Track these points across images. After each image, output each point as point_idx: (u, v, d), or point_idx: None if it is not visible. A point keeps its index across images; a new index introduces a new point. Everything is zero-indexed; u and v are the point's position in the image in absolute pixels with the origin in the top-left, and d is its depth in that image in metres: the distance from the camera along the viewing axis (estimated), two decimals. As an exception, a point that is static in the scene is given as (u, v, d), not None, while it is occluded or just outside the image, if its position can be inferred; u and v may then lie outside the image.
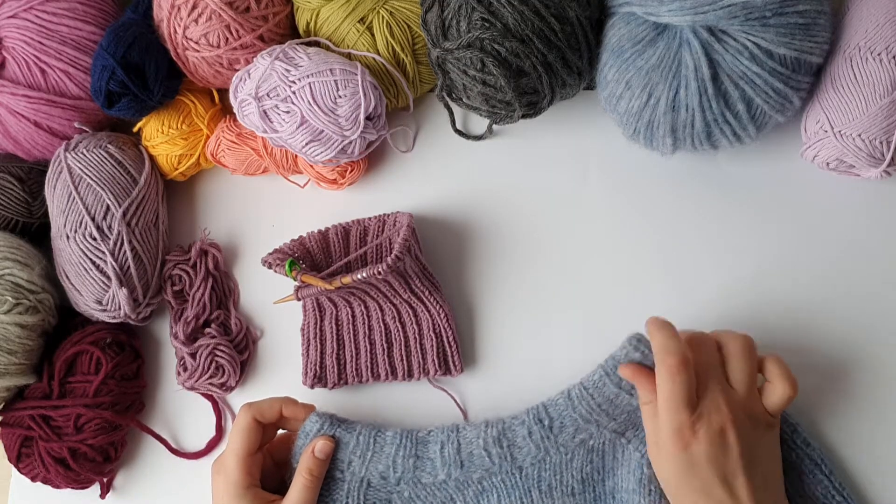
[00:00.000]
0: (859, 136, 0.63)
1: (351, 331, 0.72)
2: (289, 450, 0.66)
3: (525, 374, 0.70)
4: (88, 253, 0.71)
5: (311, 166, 0.75)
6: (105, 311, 0.72)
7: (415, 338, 0.71)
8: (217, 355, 0.73)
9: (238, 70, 0.73)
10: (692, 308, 0.69)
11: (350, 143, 0.71)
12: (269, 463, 0.66)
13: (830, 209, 0.69)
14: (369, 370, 0.71)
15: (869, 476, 0.64)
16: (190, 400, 0.76)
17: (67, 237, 0.72)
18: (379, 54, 0.71)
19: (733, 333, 0.60)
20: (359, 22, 0.71)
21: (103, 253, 0.71)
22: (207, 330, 0.74)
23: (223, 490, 0.63)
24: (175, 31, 0.71)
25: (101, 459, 0.72)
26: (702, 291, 0.69)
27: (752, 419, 0.58)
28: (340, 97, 0.69)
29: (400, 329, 0.71)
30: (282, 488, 0.65)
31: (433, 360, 0.70)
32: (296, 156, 0.75)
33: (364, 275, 0.65)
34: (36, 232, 0.77)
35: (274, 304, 0.73)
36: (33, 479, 0.72)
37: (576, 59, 0.66)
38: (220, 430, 0.74)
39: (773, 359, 0.59)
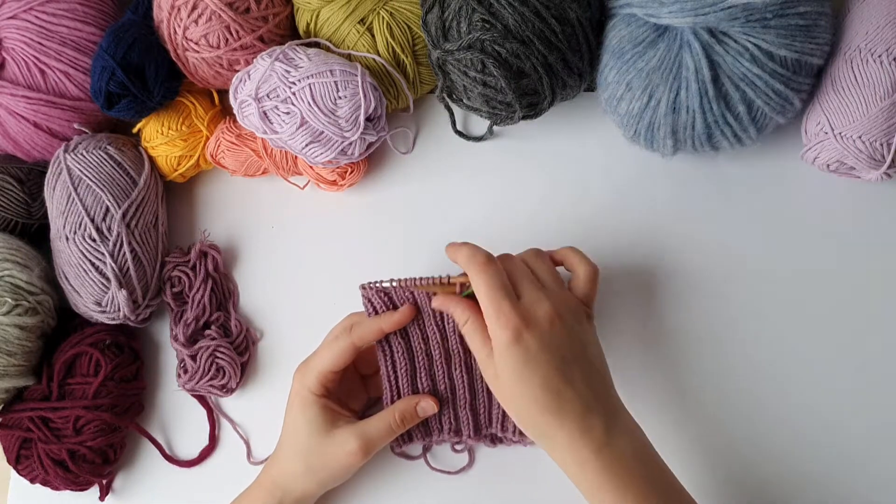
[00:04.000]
0: (860, 137, 0.63)
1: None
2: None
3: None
4: (88, 254, 0.71)
5: (311, 167, 0.74)
6: (104, 312, 0.72)
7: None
8: (217, 357, 0.73)
9: (238, 71, 0.73)
10: (692, 308, 0.69)
11: (350, 144, 0.71)
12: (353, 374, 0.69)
13: (831, 211, 0.69)
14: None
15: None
16: (189, 402, 0.75)
17: (67, 238, 0.71)
18: (379, 55, 0.71)
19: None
20: (359, 23, 0.71)
21: (103, 254, 0.71)
22: (207, 332, 0.74)
23: (296, 392, 0.65)
24: (175, 32, 0.71)
25: (100, 461, 0.72)
26: (701, 292, 0.69)
27: (571, 311, 0.60)
28: (340, 98, 0.69)
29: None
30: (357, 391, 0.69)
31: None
32: (295, 157, 0.75)
33: None
34: (35, 233, 0.77)
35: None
36: (32, 480, 0.72)
37: (576, 61, 0.66)
38: (213, 440, 0.74)
39: (565, 249, 0.64)
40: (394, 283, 0.65)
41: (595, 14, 0.67)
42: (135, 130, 0.77)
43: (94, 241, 0.71)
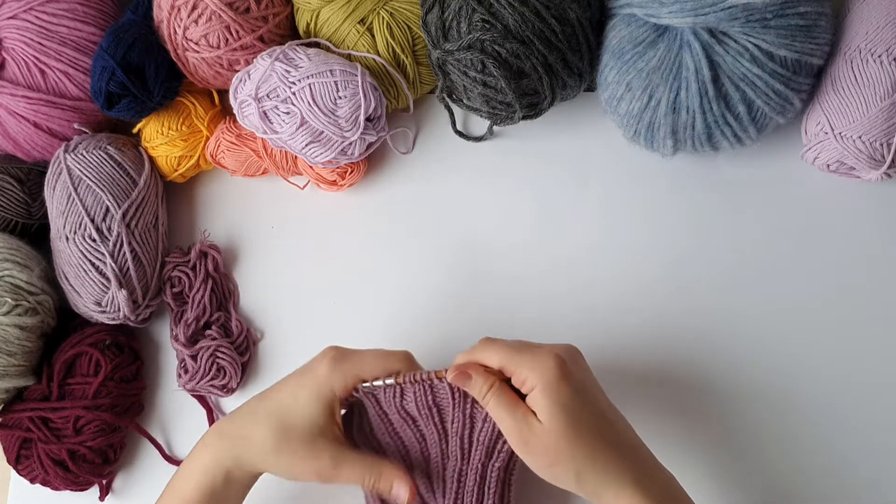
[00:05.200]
0: (860, 137, 0.63)
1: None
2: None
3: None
4: (88, 254, 0.71)
5: (311, 167, 0.74)
6: (104, 312, 0.72)
7: None
8: (218, 357, 0.73)
9: (238, 71, 0.73)
10: (691, 309, 0.69)
11: (350, 144, 0.71)
12: None
13: (831, 211, 0.69)
14: None
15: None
16: (189, 402, 0.75)
17: (67, 239, 0.71)
18: (379, 55, 0.71)
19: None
20: (359, 23, 0.71)
21: (103, 254, 0.71)
22: (208, 332, 0.74)
23: (318, 381, 0.59)
24: (175, 32, 0.71)
25: (100, 461, 0.72)
26: (701, 293, 0.69)
27: None
28: (340, 98, 0.69)
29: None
30: None
31: None
32: (295, 157, 0.75)
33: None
34: (35, 233, 0.77)
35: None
36: (32, 480, 0.72)
37: (576, 61, 0.66)
38: (213, 440, 0.74)
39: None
40: (387, 382, 0.60)
41: (595, 14, 0.67)
42: (135, 130, 0.77)
43: (94, 241, 0.71)
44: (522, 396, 0.56)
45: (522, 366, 0.54)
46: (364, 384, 0.60)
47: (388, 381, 0.60)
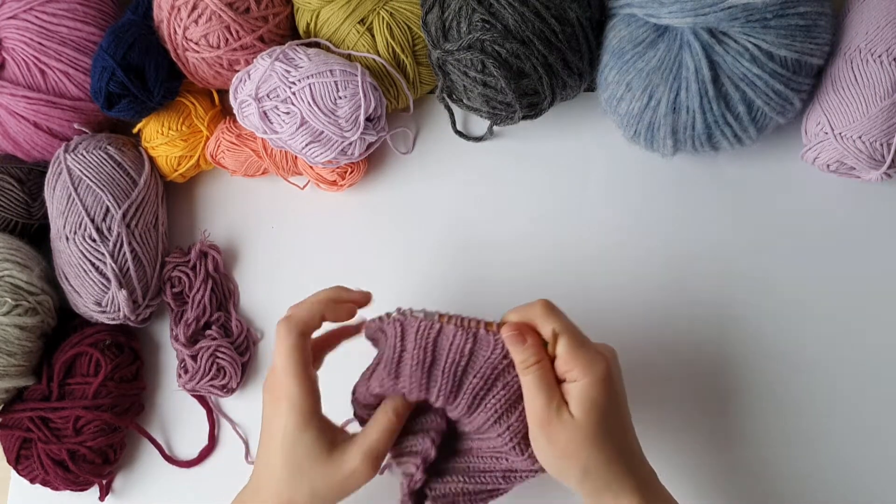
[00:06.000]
0: (860, 138, 0.63)
1: None
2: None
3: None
4: (88, 254, 0.71)
5: (311, 168, 0.74)
6: (104, 312, 0.72)
7: None
8: (218, 357, 0.73)
9: (238, 71, 0.73)
10: (692, 309, 0.69)
11: (350, 144, 0.71)
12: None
13: (831, 211, 0.69)
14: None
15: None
16: (189, 402, 0.75)
17: (67, 239, 0.71)
18: (379, 55, 0.71)
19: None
20: (359, 23, 0.71)
21: (103, 255, 0.71)
22: (208, 332, 0.74)
23: (285, 417, 0.56)
24: (175, 32, 0.71)
25: (100, 461, 0.72)
26: (702, 293, 0.69)
27: None
28: (340, 98, 0.69)
29: None
30: None
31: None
32: (295, 157, 0.75)
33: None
34: (35, 233, 0.77)
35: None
36: (32, 480, 0.72)
37: (576, 61, 0.66)
38: (212, 440, 0.74)
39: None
40: (429, 316, 0.57)
41: (595, 14, 0.67)
42: (135, 130, 0.77)
43: (94, 241, 0.71)
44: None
45: (577, 359, 0.54)
46: (404, 309, 0.58)
47: (431, 315, 0.58)
